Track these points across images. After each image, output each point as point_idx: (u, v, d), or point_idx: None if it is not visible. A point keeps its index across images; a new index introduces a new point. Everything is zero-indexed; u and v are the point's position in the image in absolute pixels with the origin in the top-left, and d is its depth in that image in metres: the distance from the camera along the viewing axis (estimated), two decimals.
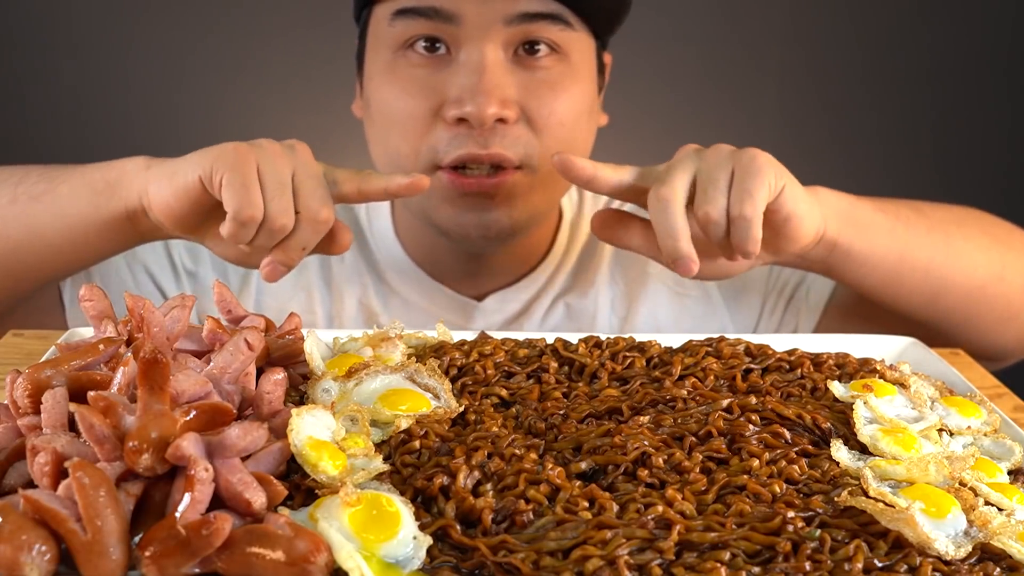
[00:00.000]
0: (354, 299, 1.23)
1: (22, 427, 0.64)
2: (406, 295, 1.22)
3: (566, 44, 1.10)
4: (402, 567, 0.56)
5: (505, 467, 0.64)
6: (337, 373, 0.75)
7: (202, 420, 0.59)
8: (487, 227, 1.11)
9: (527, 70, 1.08)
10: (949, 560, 0.58)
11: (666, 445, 0.68)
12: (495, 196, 1.10)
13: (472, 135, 1.06)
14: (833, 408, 0.76)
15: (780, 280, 1.24)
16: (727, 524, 0.59)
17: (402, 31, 1.09)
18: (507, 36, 1.07)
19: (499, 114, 1.05)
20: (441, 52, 1.08)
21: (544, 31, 1.08)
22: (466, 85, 1.05)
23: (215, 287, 0.84)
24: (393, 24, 1.09)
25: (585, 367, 0.82)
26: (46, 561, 0.53)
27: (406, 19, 1.08)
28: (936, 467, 0.65)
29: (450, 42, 1.08)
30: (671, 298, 1.24)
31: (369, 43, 1.14)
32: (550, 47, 1.09)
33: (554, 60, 1.09)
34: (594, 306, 1.24)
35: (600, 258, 1.26)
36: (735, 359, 0.83)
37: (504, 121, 1.06)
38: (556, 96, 1.09)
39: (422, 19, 1.07)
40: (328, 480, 0.61)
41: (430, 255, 1.22)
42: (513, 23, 1.06)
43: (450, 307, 1.22)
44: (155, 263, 1.21)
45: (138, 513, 0.56)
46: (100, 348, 0.70)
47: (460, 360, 0.82)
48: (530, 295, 1.23)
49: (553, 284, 1.24)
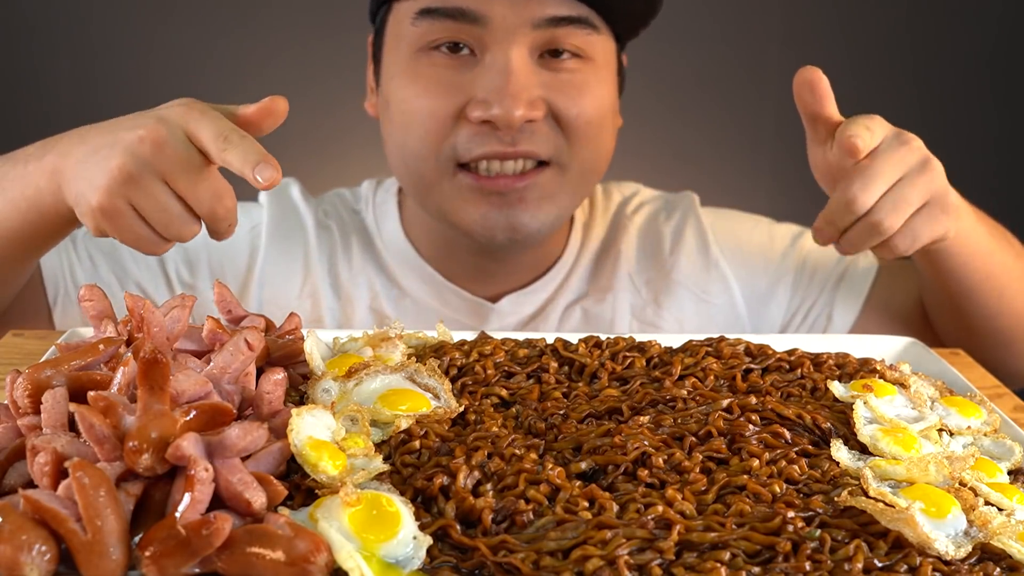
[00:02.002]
0: (364, 304, 1.21)
1: (22, 427, 0.64)
2: (417, 296, 1.21)
3: (591, 48, 1.09)
4: (402, 567, 0.56)
5: (505, 467, 0.64)
6: (337, 373, 0.75)
7: (202, 420, 0.59)
8: (515, 229, 1.10)
9: (552, 71, 1.07)
10: (949, 560, 0.58)
11: (666, 445, 0.68)
12: (524, 197, 1.08)
13: (497, 135, 1.05)
14: (833, 408, 0.76)
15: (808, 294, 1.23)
16: (727, 524, 0.59)
17: (426, 31, 1.07)
18: (533, 39, 1.06)
19: (527, 116, 1.04)
20: (465, 53, 1.07)
21: (570, 36, 1.07)
22: (492, 87, 1.04)
23: (215, 287, 0.84)
24: (416, 24, 1.08)
25: (585, 367, 0.82)
26: (46, 561, 0.53)
27: (431, 19, 1.06)
28: (936, 467, 0.65)
29: (474, 44, 1.07)
30: (696, 305, 1.23)
31: (388, 41, 1.13)
32: (574, 53, 1.08)
33: (579, 63, 1.09)
34: (612, 311, 1.22)
35: (617, 262, 1.24)
36: (735, 359, 0.83)
37: (532, 121, 1.05)
38: (583, 96, 1.08)
39: (448, 20, 1.06)
40: (328, 480, 0.61)
41: (443, 255, 1.20)
42: (540, 27, 1.05)
43: (464, 308, 1.20)
44: (149, 281, 1.18)
45: (138, 513, 0.56)
46: (100, 348, 0.70)
47: (460, 360, 0.82)
48: (545, 296, 1.22)
49: (567, 286, 1.23)
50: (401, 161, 1.13)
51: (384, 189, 1.26)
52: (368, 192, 1.27)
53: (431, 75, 1.08)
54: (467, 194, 1.09)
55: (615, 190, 1.31)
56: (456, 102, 1.06)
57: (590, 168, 1.13)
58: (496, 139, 1.05)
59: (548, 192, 1.09)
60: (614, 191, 1.30)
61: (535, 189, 1.09)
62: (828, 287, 1.22)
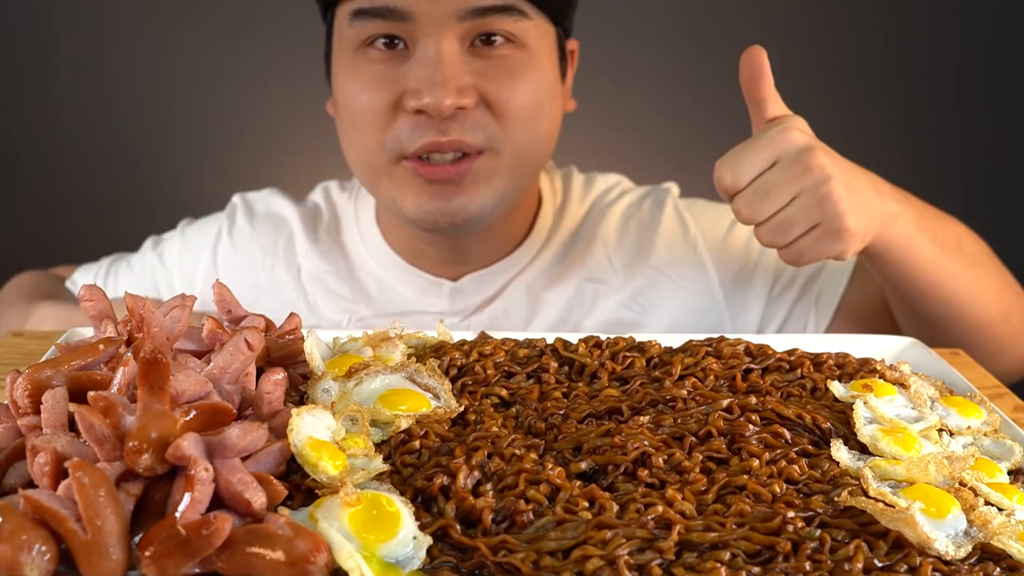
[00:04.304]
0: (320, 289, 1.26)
1: (22, 427, 0.64)
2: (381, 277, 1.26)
3: (523, 34, 1.12)
4: (402, 567, 0.56)
5: (505, 467, 0.64)
6: (337, 373, 0.75)
7: (202, 420, 0.59)
8: (453, 214, 1.14)
9: (484, 59, 1.11)
10: (949, 560, 0.58)
11: (666, 445, 0.68)
12: (460, 183, 1.12)
13: (433, 124, 1.09)
14: (833, 408, 0.76)
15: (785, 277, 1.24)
16: (727, 524, 0.59)
17: (360, 30, 1.12)
18: (462, 30, 1.09)
19: (457, 103, 1.08)
20: (400, 48, 1.11)
21: (499, 23, 1.10)
22: (423, 77, 1.08)
23: (215, 287, 0.84)
24: (352, 24, 1.12)
25: (585, 367, 0.82)
26: (46, 561, 0.53)
27: (363, 19, 1.11)
28: (936, 467, 0.65)
29: (407, 38, 1.11)
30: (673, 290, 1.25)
31: (334, 43, 1.18)
32: (506, 38, 1.11)
33: (511, 49, 1.12)
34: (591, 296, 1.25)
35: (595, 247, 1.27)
36: (735, 359, 0.83)
37: (463, 108, 1.09)
38: (514, 81, 1.11)
39: (378, 19, 1.10)
40: (328, 480, 0.61)
41: (407, 243, 1.25)
42: (466, 18, 1.09)
43: (425, 288, 1.25)
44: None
45: (138, 513, 0.56)
46: (100, 348, 0.70)
47: (460, 360, 0.82)
48: (508, 277, 1.25)
49: (533, 268, 1.26)
50: (353, 156, 1.18)
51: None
52: (355, 183, 1.33)
53: (369, 71, 1.12)
54: (410, 183, 1.13)
55: (599, 179, 1.34)
56: (392, 94, 1.11)
57: (526, 151, 1.16)
58: (433, 129, 1.09)
59: (483, 177, 1.13)
60: (598, 180, 1.34)
61: (470, 175, 1.13)
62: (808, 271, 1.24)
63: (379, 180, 1.16)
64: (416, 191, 1.13)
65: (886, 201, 1.01)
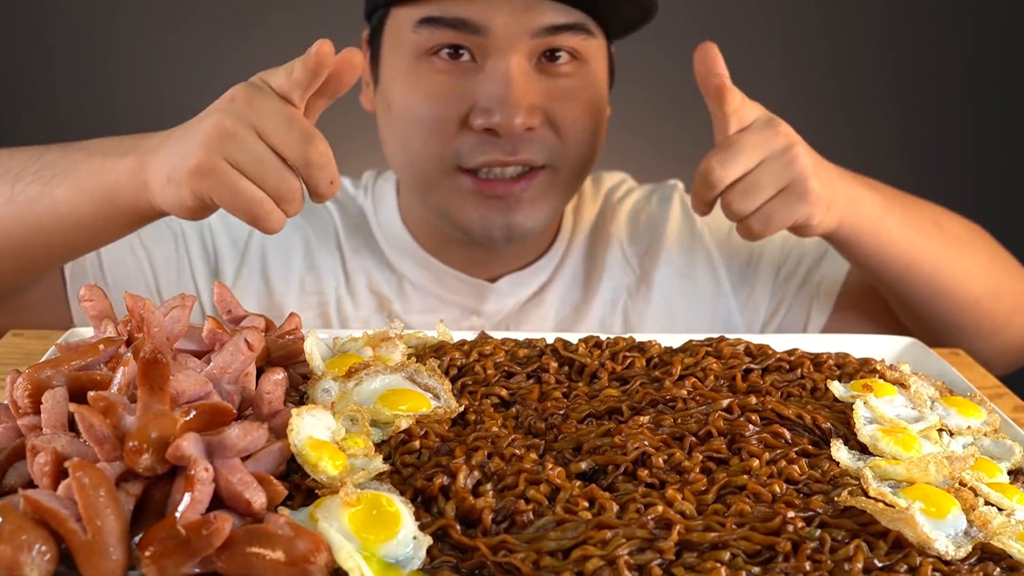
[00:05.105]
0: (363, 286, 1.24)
1: (22, 427, 0.64)
2: (416, 281, 1.24)
3: (585, 51, 1.12)
4: (402, 567, 0.56)
5: (505, 467, 0.64)
6: (337, 373, 0.75)
7: (202, 420, 0.59)
8: (512, 228, 1.14)
9: (549, 77, 1.11)
10: (949, 560, 0.58)
11: (666, 445, 0.68)
12: (520, 198, 1.12)
13: (498, 142, 1.09)
14: (833, 408, 0.76)
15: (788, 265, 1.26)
16: (727, 524, 0.59)
17: (427, 38, 1.10)
18: (532, 46, 1.09)
19: (527, 124, 1.08)
20: (465, 59, 1.10)
21: (567, 40, 1.10)
22: (494, 96, 1.07)
23: (215, 287, 0.84)
24: (417, 31, 1.10)
25: (585, 367, 0.82)
26: (46, 561, 0.53)
27: (432, 27, 1.09)
28: (936, 467, 0.65)
29: (475, 51, 1.09)
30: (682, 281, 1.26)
31: (388, 44, 1.15)
32: (570, 54, 1.11)
33: (574, 66, 1.12)
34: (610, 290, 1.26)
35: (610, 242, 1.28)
36: (735, 359, 0.83)
37: (531, 128, 1.09)
38: (578, 103, 1.12)
39: (450, 29, 1.08)
40: (328, 480, 0.61)
41: (439, 244, 1.24)
42: (539, 35, 1.08)
43: (463, 290, 1.24)
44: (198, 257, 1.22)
45: (138, 513, 0.56)
46: (100, 348, 0.70)
47: (460, 360, 0.82)
48: (544, 278, 1.26)
49: (564, 266, 1.27)
50: (403, 160, 1.16)
51: (384, 179, 1.30)
52: (368, 181, 1.31)
53: (433, 81, 1.10)
54: (467, 195, 1.13)
55: (605, 178, 1.36)
56: (459, 109, 1.09)
57: (582, 167, 1.17)
58: (498, 148, 1.09)
59: (540, 192, 1.14)
60: (604, 178, 1.36)
61: (530, 191, 1.13)
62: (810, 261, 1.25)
63: (431, 189, 1.15)
64: (476, 205, 1.13)
65: (851, 186, 1.04)
